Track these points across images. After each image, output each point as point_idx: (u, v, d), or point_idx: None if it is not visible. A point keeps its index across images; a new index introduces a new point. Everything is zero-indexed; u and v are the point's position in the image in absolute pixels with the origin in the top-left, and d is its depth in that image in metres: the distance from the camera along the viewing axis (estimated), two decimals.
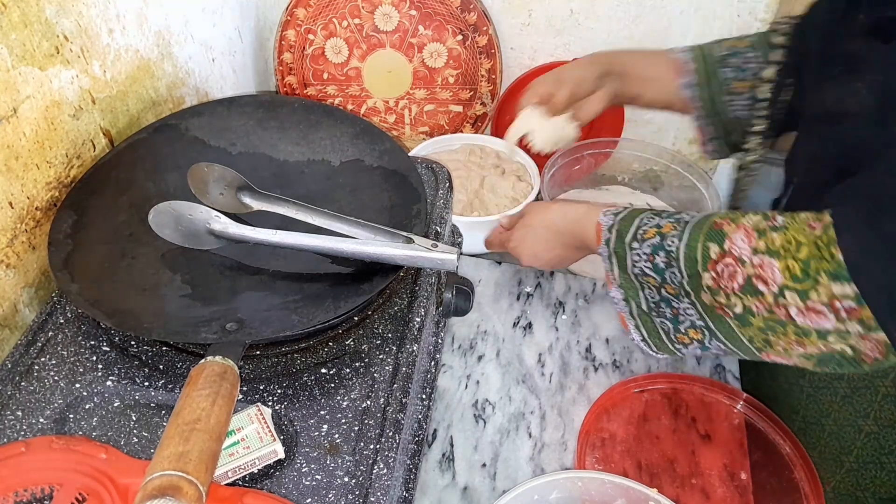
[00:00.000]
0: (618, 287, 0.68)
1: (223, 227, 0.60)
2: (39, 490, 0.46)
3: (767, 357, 0.60)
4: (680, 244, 0.61)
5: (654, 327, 0.67)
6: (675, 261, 0.61)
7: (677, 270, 0.61)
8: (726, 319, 0.59)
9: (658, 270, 0.63)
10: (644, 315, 0.67)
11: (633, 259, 0.65)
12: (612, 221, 0.68)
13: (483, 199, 1.01)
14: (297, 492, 0.49)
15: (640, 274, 0.65)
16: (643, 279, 0.65)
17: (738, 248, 0.57)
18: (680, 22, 1.03)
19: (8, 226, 0.61)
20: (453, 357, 0.87)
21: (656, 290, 0.65)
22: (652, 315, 0.66)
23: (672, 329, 0.65)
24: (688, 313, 0.63)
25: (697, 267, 0.59)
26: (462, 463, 0.76)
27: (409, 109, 1.15)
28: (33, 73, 0.61)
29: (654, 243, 0.63)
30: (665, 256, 0.62)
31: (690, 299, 0.62)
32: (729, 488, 0.74)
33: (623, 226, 0.67)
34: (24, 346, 0.57)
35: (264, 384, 0.56)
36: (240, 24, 1.02)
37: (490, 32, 1.05)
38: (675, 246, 0.61)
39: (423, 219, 0.63)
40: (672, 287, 0.63)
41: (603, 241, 0.68)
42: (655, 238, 0.63)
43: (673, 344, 0.66)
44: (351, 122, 0.72)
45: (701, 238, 0.60)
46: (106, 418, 0.53)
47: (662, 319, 0.66)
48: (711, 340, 0.63)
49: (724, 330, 0.61)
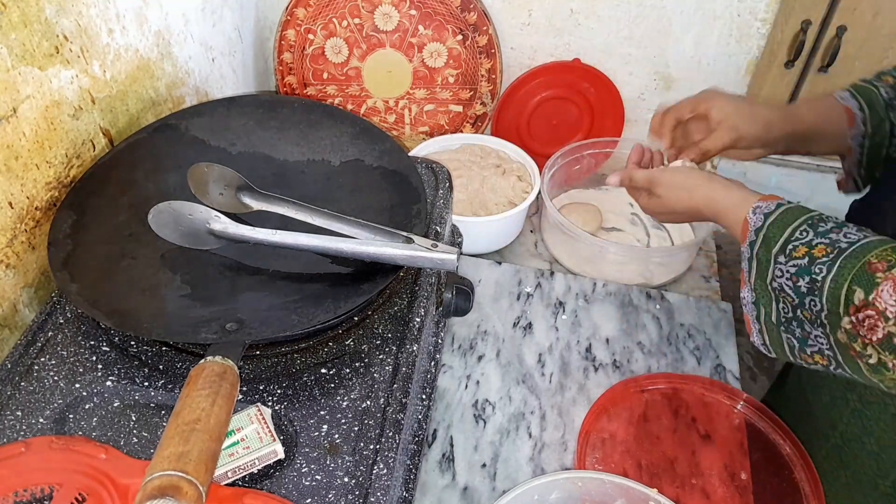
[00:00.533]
0: (751, 290, 0.64)
1: (223, 227, 0.60)
2: (39, 490, 0.46)
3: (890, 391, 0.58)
4: (828, 276, 0.57)
5: (778, 339, 0.63)
6: (818, 291, 0.57)
7: (819, 301, 0.57)
8: (858, 362, 0.57)
9: (799, 293, 0.59)
10: (771, 325, 0.63)
11: (776, 273, 0.61)
12: (762, 224, 0.63)
13: (483, 199, 1.01)
14: (297, 492, 0.49)
15: (778, 289, 0.61)
16: (780, 294, 0.61)
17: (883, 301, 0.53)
18: (680, 22, 1.03)
19: (8, 226, 0.61)
20: (453, 357, 0.87)
21: (791, 309, 0.61)
22: (780, 329, 0.63)
23: (798, 347, 0.62)
24: (819, 341, 0.59)
25: (839, 307, 0.56)
26: (462, 463, 0.76)
27: (409, 109, 1.15)
28: (33, 72, 0.61)
29: (801, 265, 0.59)
30: (809, 282, 0.58)
31: (825, 331, 0.58)
32: (729, 488, 0.74)
33: (773, 233, 0.62)
34: (23, 346, 0.57)
35: (264, 384, 0.56)
36: (240, 24, 1.02)
37: (490, 32, 1.05)
38: (821, 276, 0.57)
39: (423, 219, 0.63)
40: (809, 313, 0.59)
41: (748, 241, 0.64)
42: (804, 259, 0.58)
43: (795, 358, 0.63)
44: (351, 122, 0.72)
45: (849, 278, 0.55)
46: (106, 418, 0.53)
47: (790, 336, 0.62)
48: (837, 369, 0.59)
49: (853, 368, 0.58)
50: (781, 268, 0.60)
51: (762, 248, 0.62)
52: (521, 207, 0.97)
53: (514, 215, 0.97)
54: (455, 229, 0.83)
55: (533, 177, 1.03)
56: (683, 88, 1.09)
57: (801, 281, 0.58)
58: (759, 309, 0.64)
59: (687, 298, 0.95)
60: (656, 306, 0.94)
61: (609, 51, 1.07)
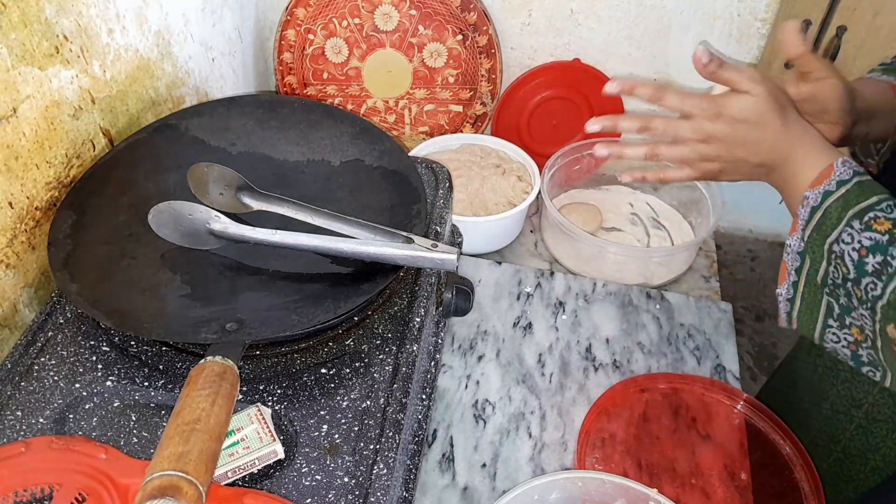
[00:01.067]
0: (801, 240, 0.57)
1: (223, 227, 0.60)
2: (39, 490, 0.46)
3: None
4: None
5: (815, 299, 0.57)
6: (886, 276, 0.52)
7: (883, 288, 0.52)
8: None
9: (861, 269, 0.53)
10: (814, 283, 0.57)
11: (843, 237, 0.54)
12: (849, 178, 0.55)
13: (483, 199, 1.01)
14: (296, 492, 0.49)
15: (838, 254, 0.55)
16: (837, 260, 0.55)
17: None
18: (680, 22, 1.03)
19: (7, 226, 0.61)
20: (453, 357, 0.87)
21: (843, 278, 0.55)
22: (824, 290, 0.57)
23: (837, 314, 0.57)
24: (864, 319, 0.55)
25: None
26: (462, 463, 0.76)
27: (409, 109, 1.15)
28: (33, 72, 0.61)
29: (878, 241, 0.52)
30: (880, 263, 0.52)
31: (874, 318, 0.54)
32: (729, 488, 0.74)
33: (857, 192, 0.54)
34: (23, 346, 0.57)
35: (264, 384, 0.56)
36: (240, 24, 1.02)
37: (490, 32, 1.05)
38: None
39: (423, 219, 0.63)
40: (862, 293, 0.54)
41: (822, 188, 0.56)
42: (884, 236, 0.52)
43: (823, 329, 0.58)
44: (351, 122, 0.72)
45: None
46: (106, 418, 0.53)
47: (833, 301, 0.56)
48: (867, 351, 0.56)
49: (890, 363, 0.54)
50: (852, 233, 0.54)
51: (837, 203, 0.55)
52: (521, 207, 0.97)
53: (514, 215, 0.97)
54: (455, 229, 0.83)
55: (533, 177, 1.03)
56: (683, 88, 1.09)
57: (871, 258, 0.52)
58: (804, 259, 0.58)
59: (687, 298, 0.95)
60: (656, 306, 0.94)
61: (609, 51, 1.07)
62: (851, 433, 0.76)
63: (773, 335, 1.81)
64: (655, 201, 1.11)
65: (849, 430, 0.76)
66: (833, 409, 0.74)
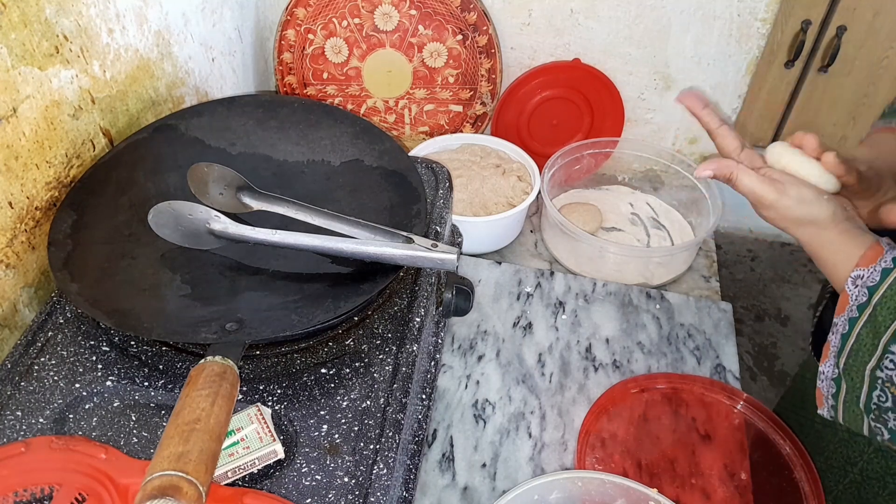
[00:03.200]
0: (834, 366, 0.55)
1: (223, 227, 0.60)
2: (39, 490, 0.46)
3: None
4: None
5: (858, 421, 0.56)
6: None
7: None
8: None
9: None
10: (855, 409, 0.55)
11: (885, 363, 0.52)
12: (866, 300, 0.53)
13: (483, 199, 1.01)
14: (296, 492, 0.49)
15: (885, 379, 0.53)
16: (886, 385, 0.53)
17: None
18: (680, 22, 1.03)
19: (7, 226, 0.61)
20: (453, 357, 0.87)
21: (893, 400, 0.53)
22: (869, 416, 0.55)
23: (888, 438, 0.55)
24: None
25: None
26: (462, 463, 0.76)
27: (409, 109, 1.15)
28: (33, 72, 0.61)
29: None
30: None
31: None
32: (729, 488, 0.74)
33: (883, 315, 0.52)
34: (23, 346, 0.57)
35: (264, 384, 0.56)
36: (240, 23, 1.02)
37: (490, 32, 1.05)
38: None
39: (423, 219, 0.63)
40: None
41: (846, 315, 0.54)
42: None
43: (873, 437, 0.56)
44: (351, 122, 0.72)
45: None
46: (106, 418, 0.53)
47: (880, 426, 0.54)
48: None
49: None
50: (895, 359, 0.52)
51: (867, 329, 0.53)
52: (521, 207, 0.97)
53: (514, 215, 0.97)
54: (455, 229, 0.83)
55: (533, 177, 1.03)
56: (683, 88, 1.09)
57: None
58: (839, 387, 0.56)
59: (687, 298, 0.95)
60: (656, 306, 0.94)
61: (609, 51, 1.07)
62: (870, 455, 0.75)
63: (773, 335, 1.81)
64: (655, 201, 1.11)
65: (867, 453, 0.75)
66: (850, 431, 0.73)
